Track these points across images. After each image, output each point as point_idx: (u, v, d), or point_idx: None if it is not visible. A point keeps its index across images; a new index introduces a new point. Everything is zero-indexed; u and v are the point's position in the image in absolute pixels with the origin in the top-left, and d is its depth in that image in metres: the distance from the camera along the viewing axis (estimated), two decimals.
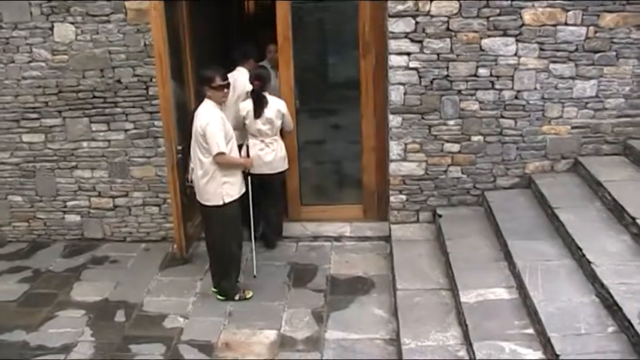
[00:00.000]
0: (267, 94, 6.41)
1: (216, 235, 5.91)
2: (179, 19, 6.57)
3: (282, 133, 6.72)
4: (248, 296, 6.01)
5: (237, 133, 6.16)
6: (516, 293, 5.08)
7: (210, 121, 5.52)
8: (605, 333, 4.30)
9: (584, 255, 4.96)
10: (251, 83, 6.43)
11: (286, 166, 6.70)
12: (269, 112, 6.38)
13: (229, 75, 5.97)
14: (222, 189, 5.68)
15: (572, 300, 4.67)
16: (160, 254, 6.90)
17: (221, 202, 5.70)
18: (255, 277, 6.31)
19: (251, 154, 6.25)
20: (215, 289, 6.07)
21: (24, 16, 6.57)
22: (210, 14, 7.94)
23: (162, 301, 6.06)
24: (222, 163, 5.62)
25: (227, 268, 5.99)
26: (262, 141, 6.45)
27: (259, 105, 6.35)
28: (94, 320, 5.82)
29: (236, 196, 5.78)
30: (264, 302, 5.94)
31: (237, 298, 5.98)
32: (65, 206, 7.17)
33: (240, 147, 6.12)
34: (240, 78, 6.70)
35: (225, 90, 5.71)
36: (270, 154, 6.48)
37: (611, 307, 4.43)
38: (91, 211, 7.16)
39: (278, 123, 6.46)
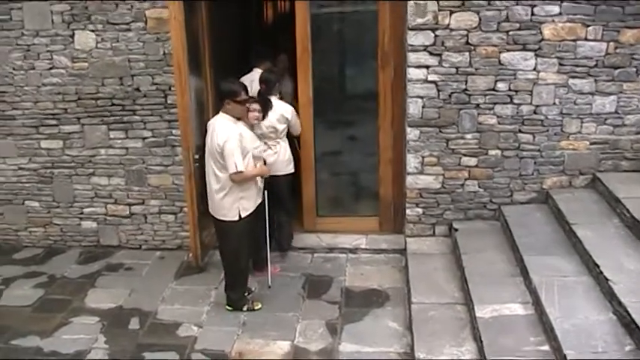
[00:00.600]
0: (273, 98, 6.43)
1: (230, 248, 5.88)
2: (198, 23, 6.60)
3: (297, 138, 6.79)
4: (256, 307, 5.99)
5: None
6: (532, 309, 5.04)
7: (229, 137, 5.47)
8: (623, 352, 4.25)
9: (601, 272, 4.91)
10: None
11: (290, 170, 6.65)
12: (273, 115, 6.38)
13: (244, 78, 5.98)
14: (238, 204, 5.67)
15: (589, 317, 4.62)
16: (175, 262, 6.91)
17: (237, 218, 5.69)
18: (269, 287, 6.31)
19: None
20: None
21: (45, 23, 6.64)
22: (229, 19, 7.93)
23: (176, 309, 6.07)
24: (239, 180, 5.59)
25: (237, 279, 5.98)
26: (265, 143, 6.44)
27: (264, 108, 6.35)
28: (108, 327, 5.83)
29: (252, 210, 5.77)
30: (278, 313, 5.92)
31: (245, 309, 5.97)
32: (82, 213, 7.21)
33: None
34: (255, 79, 6.75)
35: (247, 105, 5.71)
36: (272, 157, 6.44)
37: (629, 325, 4.38)
38: (107, 218, 7.19)
39: (280, 127, 6.45)
